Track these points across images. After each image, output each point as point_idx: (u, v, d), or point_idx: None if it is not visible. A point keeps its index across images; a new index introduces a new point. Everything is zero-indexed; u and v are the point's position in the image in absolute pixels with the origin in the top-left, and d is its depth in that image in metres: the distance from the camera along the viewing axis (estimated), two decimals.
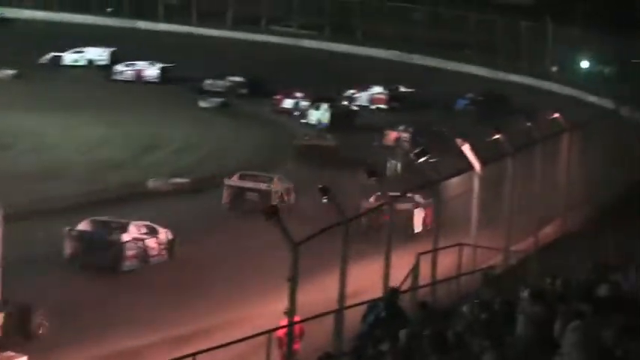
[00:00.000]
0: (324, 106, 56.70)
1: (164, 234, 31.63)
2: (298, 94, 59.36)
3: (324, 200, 19.76)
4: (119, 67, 64.89)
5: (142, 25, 78.72)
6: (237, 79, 62.78)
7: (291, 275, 18.05)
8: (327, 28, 77.22)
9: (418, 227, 34.39)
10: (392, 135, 51.44)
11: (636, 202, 33.67)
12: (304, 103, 58.45)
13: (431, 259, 23.19)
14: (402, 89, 63.39)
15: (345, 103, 59.75)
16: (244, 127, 53.37)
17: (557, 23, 67.76)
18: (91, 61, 67.22)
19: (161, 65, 64.83)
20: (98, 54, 67.67)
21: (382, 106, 61.32)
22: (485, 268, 23.42)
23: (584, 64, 67.95)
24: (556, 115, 30.55)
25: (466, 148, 25.67)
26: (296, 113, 58.14)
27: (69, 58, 67.27)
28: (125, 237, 30.38)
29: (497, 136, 27.16)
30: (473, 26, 72.10)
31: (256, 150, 48.79)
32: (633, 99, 41.29)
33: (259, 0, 78.12)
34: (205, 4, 79.52)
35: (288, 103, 59.36)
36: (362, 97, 61.77)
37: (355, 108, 59.12)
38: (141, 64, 64.91)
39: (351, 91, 62.04)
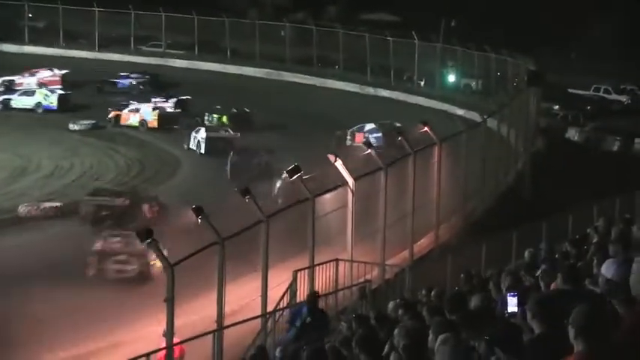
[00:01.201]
0: (43, 90, 60.10)
1: None
2: None
3: (199, 220, 19.76)
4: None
5: (6, 47, 77.18)
6: None
7: (168, 296, 18.01)
8: (196, 47, 76.82)
9: None
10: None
11: (505, 212, 34.47)
12: None
13: (308, 276, 23.35)
14: (57, 71, 66.51)
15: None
16: (115, 148, 52.79)
17: (424, 39, 68.79)
18: None
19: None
20: None
21: (57, 87, 63.80)
22: (361, 282, 23.65)
23: (451, 78, 69.16)
24: (425, 128, 30.92)
25: (339, 164, 25.89)
26: None
27: None
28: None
29: (369, 151, 27.51)
30: (342, 42, 72.61)
31: (128, 170, 48.46)
32: (498, 112, 42.19)
33: (127, 20, 77.48)
34: (73, 25, 78.35)
35: None
36: (30, 82, 64.13)
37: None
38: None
39: (15, 77, 64.43)
